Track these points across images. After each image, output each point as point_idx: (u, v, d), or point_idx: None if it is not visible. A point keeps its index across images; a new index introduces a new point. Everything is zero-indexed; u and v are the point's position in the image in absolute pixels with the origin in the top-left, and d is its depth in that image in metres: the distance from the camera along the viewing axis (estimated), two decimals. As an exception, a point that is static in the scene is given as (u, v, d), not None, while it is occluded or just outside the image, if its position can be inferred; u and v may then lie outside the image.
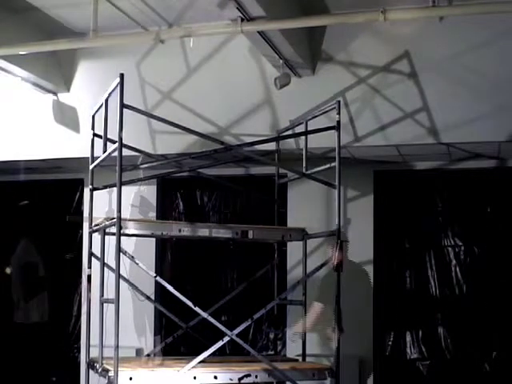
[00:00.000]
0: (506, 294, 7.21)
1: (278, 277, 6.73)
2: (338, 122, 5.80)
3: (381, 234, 7.51)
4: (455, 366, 7.31)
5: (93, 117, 6.00)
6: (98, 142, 5.72)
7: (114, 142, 5.22)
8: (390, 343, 7.55)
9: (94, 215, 5.82)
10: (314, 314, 6.36)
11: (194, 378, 5.14)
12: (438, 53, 6.43)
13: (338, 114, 5.81)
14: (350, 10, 5.91)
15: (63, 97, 7.55)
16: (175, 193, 8.39)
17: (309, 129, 6.20)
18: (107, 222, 5.30)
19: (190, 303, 5.68)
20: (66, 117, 7.50)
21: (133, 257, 6.00)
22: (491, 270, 7.32)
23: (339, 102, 5.85)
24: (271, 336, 6.76)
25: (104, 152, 5.47)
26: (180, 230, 5.61)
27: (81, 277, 8.06)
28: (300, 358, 6.22)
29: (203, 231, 5.70)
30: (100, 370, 5.26)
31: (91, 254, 5.72)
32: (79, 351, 8.24)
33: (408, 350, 7.51)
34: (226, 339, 5.33)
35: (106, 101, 5.47)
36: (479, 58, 6.32)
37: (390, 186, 7.62)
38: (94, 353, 5.47)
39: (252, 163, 7.58)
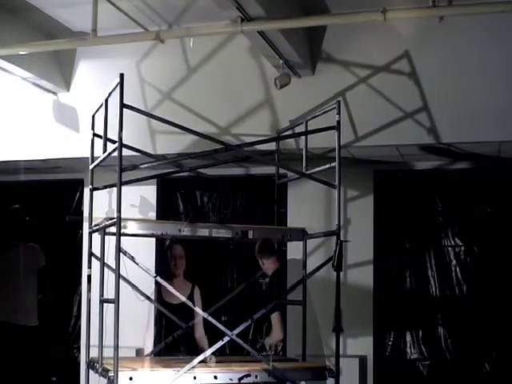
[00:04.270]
0: (505, 294, 7.21)
1: (278, 277, 6.71)
2: (338, 122, 5.79)
3: (381, 234, 7.51)
4: (455, 366, 7.31)
5: (93, 117, 6.00)
6: (98, 142, 5.72)
7: (114, 142, 5.21)
8: (390, 343, 7.55)
9: (94, 215, 5.82)
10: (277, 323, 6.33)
11: (194, 378, 5.13)
12: (437, 53, 6.43)
13: (338, 113, 5.80)
14: (350, 10, 5.90)
15: (63, 97, 7.54)
16: (175, 193, 8.39)
17: (309, 129, 6.20)
18: (107, 222, 5.29)
19: (189, 303, 5.68)
20: (66, 117, 7.50)
21: (133, 257, 6.00)
22: (491, 269, 7.32)
23: (339, 101, 5.84)
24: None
25: (104, 152, 5.47)
26: (180, 230, 5.61)
27: (81, 277, 8.05)
28: (300, 358, 6.22)
29: (203, 231, 5.70)
30: (100, 370, 5.25)
31: (91, 254, 5.71)
32: (79, 351, 8.25)
33: (408, 350, 7.51)
34: (226, 339, 5.32)
35: (106, 101, 5.47)
36: (479, 58, 6.32)
37: (390, 185, 7.62)
38: (94, 353, 5.47)
39: (252, 163, 7.58)
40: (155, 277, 5.91)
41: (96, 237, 5.68)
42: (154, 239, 7.66)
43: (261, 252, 6.38)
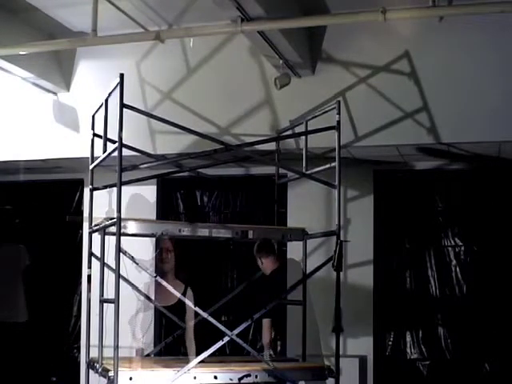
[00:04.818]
0: (505, 294, 7.21)
1: (277, 277, 6.71)
2: (338, 122, 5.80)
3: (381, 234, 7.51)
4: (455, 366, 7.32)
5: (93, 117, 6.00)
6: (98, 142, 5.72)
7: (114, 141, 5.22)
8: (390, 343, 7.55)
9: (94, 215, 5.82)
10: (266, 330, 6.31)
11: (194, 378, 5.13)
12: (437, 53, 6.43)
13: (338, 113, 5.80)
14: (350, 10, 5.90)
15: (63, 97, 7.55)
16: (175, 193, 8.39)
17: (309, 129, 6.20)
18: (107, 222, 5.29)
19: (189, 303, 5.68)
20: (66, 117, 7.50)
21: (133, 257, 6.00)
22: (491, 269, 7.32)
23: (339, 101, 5.85)
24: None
25: (104, 152, 5.47)
26: (180, 230, 5.61)
27: (81, 277, 8.05)
28: (300, 358, 6.22)
29: (203, 231, 5.70)
30: (100, 370, 5.26)
31: (91, 254, 5.72)
32: (79, 351, 8.25)
33: (408, 350, 7.51)
34: (226, 339, 5.32)
35: (106, 101, 5.47)
36: (479, 58, 6.32)
37: (390, 185, 7.63)
38: (94, 353, 5.47)
39: (252, 163, 7.58)
40: (155, 277, 5.90)
41: (96, 237, 5.68)
42: (153, 239, 7.66)
43: (259, 251, 6.39)
